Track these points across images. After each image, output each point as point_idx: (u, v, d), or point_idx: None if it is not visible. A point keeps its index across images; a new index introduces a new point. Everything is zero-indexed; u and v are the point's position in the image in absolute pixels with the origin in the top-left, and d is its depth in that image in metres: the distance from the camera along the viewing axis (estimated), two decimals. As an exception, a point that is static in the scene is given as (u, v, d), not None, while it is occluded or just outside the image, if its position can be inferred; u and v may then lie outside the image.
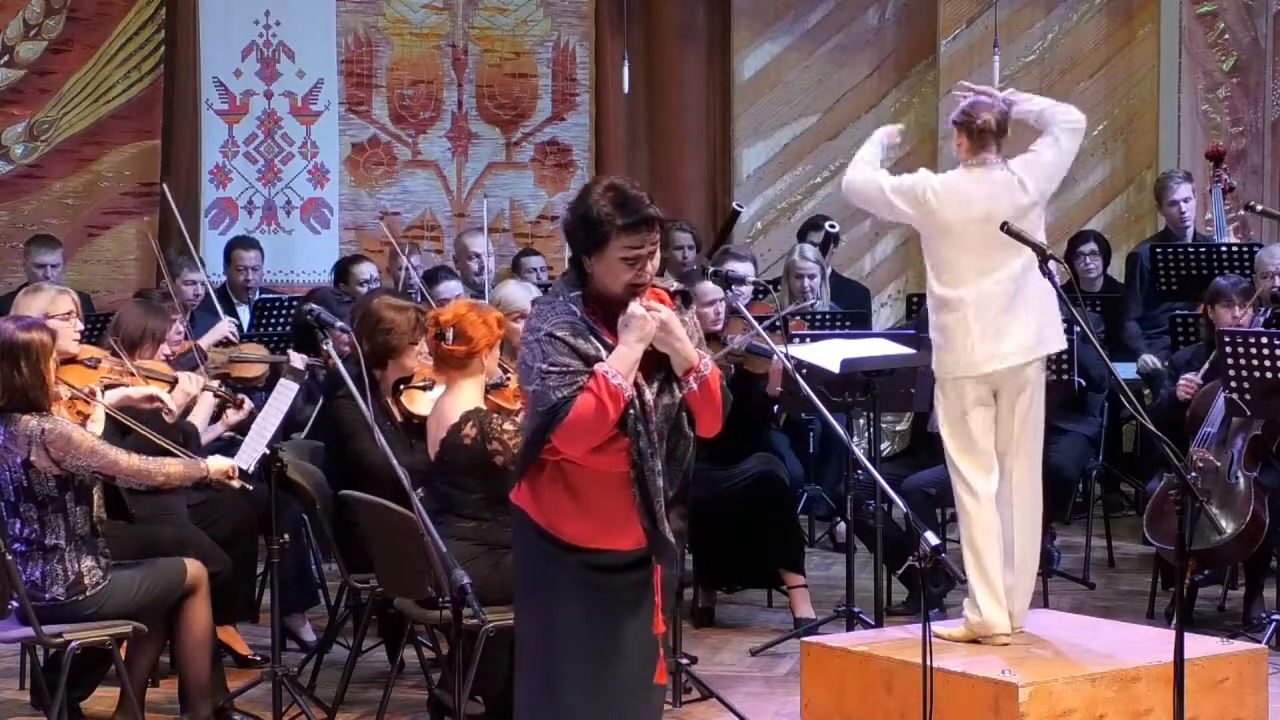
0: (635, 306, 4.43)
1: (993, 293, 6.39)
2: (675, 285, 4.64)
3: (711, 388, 4.57)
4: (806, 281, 9.71)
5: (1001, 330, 6.39)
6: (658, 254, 4.51)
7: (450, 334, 6.14)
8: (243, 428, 7.11)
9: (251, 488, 6.54)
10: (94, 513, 6.23)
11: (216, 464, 6.38)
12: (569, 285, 4.54)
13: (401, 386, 6.96)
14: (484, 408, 6.16)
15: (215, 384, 7.25)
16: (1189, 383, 8.04)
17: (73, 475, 6.11)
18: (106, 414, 6.49)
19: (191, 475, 6.33)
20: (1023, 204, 6.43)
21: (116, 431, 6.49)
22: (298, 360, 7.51)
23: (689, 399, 4.55)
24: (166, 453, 6.37)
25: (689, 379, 4.53)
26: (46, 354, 6.15)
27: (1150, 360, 9.48)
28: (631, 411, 4.45)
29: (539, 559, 4.54)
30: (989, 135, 6.48)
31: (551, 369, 4.41)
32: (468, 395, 6.17)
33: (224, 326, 8.81)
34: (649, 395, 4.50)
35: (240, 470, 6.44)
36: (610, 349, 4.46)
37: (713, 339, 8.16)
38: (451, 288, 9.34)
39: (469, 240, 10.49)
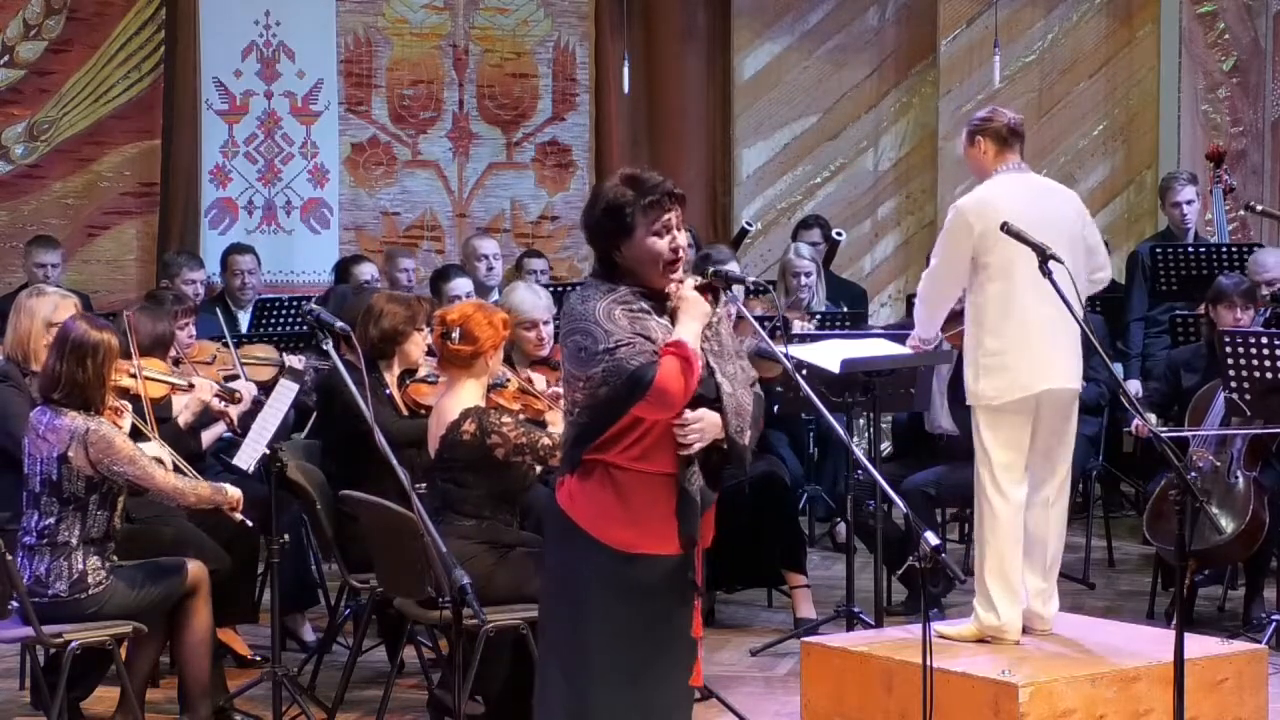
0: (688, 288, 4.55)
1: (1048, 310, 6.18)
2: (700, 280, 4.69)
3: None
4: (803, 279, 9.71)
5: (1053, 353, 6.24)
6: (683, 233, 4.61)
7: (456, 333, 6.15)
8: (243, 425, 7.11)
9: (252, 524, 6.55)
10: (115, 519, 6.24)
11: (234, 493, 6.42)
12: (607, 280, 4.60)
13: (407, 381, 6.96)
14: (483, 405, 6.17)
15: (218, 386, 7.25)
16: (1142, 426, 8.05)
17: (103, 480, 6.12)
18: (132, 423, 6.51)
19: (217, 500, 6.36)
20: (1079, 226, 6.32)
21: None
22: (296, 361, 7.48)
23: None
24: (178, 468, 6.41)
25: None
26: (112, 357, 6.20)
27: (1133, 385, 9.43)
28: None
29: (579, 563, 4.56)
30: (1016, 137, 6.39)
31: (619, 343, 4.47)
32: (468, 394, 6.18)
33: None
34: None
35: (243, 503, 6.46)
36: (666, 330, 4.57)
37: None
38: (462, 285, 9.34)
39: (477, 242, 10.49)
